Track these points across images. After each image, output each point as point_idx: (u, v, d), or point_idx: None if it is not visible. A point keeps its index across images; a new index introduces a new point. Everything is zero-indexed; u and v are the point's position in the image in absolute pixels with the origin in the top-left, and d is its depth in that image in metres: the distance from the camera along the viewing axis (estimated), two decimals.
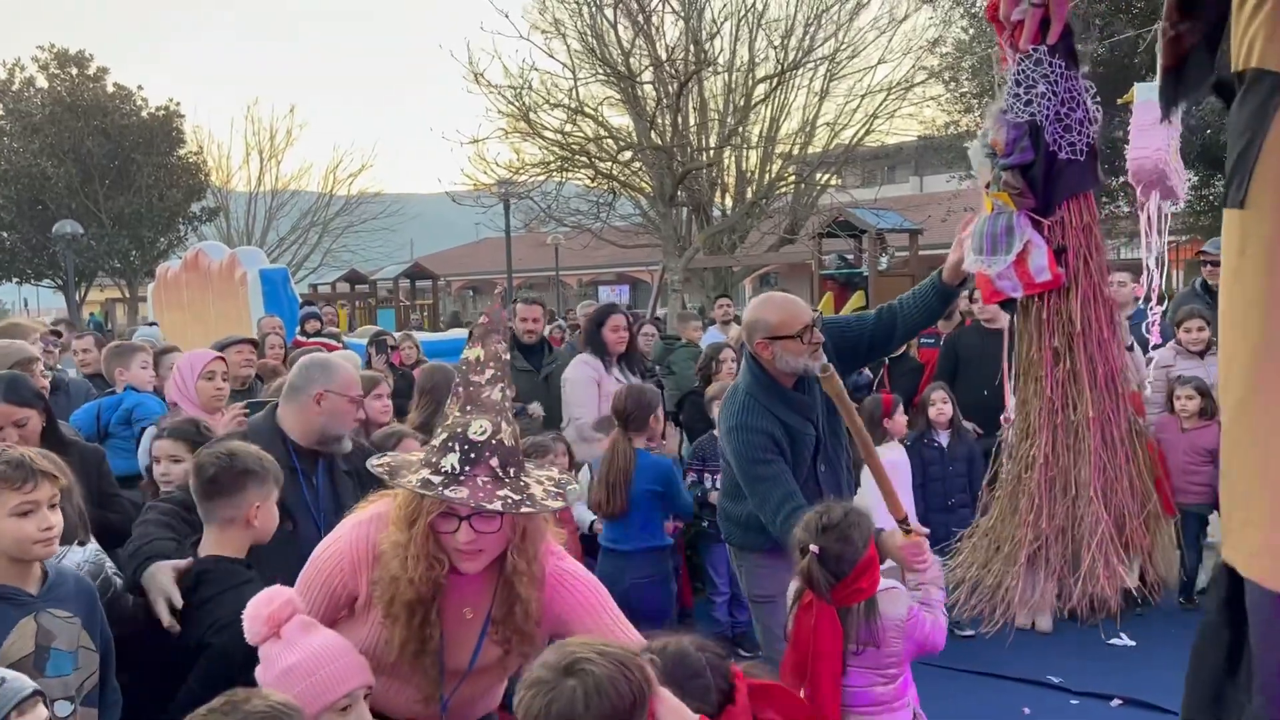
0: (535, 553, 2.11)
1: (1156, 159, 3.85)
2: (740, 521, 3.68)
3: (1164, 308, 4.36)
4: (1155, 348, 3.53)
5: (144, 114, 31.40)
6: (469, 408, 1.99)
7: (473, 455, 1.96)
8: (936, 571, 3.08)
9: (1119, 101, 3.71)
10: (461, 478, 1.95)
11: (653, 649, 1.92)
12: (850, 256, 14.37)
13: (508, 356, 2.13)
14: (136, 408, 4.36)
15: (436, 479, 1.96)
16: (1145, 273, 3.80)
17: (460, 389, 2.02)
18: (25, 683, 1.62)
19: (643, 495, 4.56)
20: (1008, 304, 2.75)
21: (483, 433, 1.97)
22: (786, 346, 3.37)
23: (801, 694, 2.72)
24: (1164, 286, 3.75)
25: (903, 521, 3.04)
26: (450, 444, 1.97)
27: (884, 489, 3.01)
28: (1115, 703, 4.54)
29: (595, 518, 4.89)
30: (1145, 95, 3.94)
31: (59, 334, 6.92)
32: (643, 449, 4.67)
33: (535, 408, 5.57)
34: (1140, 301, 3.50)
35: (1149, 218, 3.92)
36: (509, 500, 1.97)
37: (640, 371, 5.94)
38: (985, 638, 5.26)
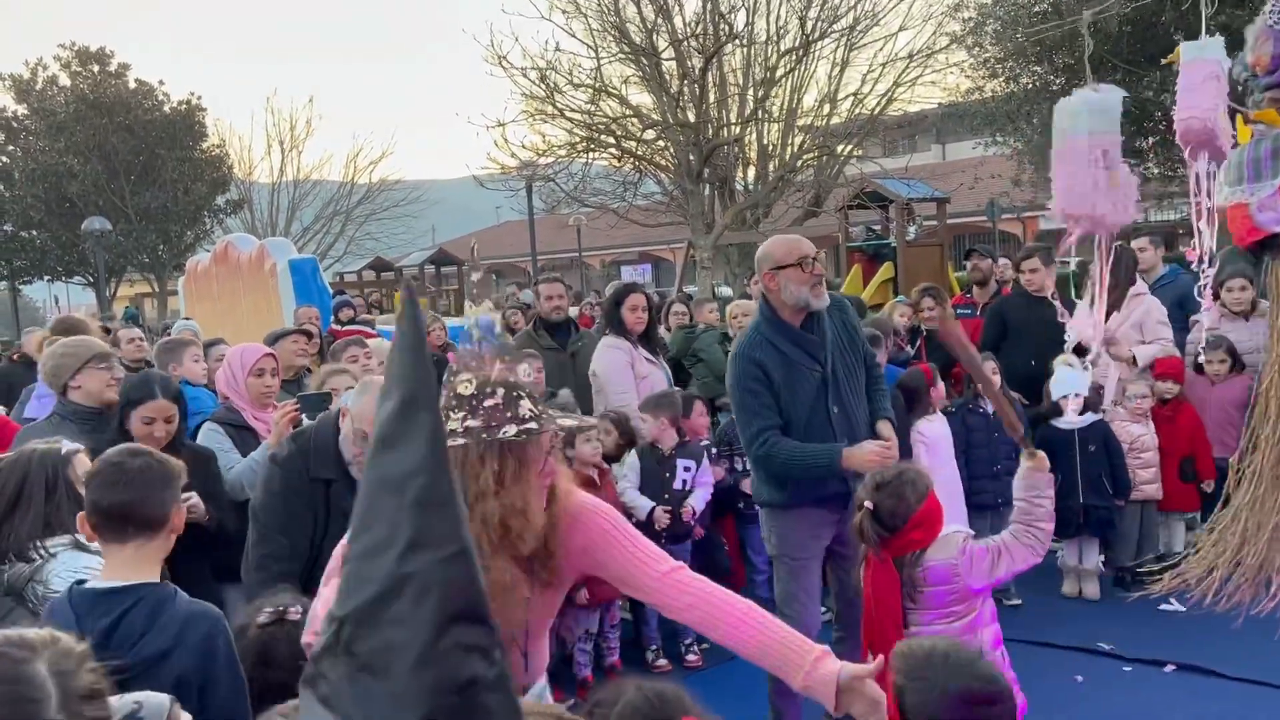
0: None
1: (1206, 119, 3.79)
2: (764, 478, 3.81)
3: (1214, 270, 4.32)
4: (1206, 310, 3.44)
5: (166, 109, 31.59)
6: (506, 358, 2.14)
7: (535, 396, 2.10)
8: (1044, 500, 3.08)
9: (1164, 62, 3.65)
10: (545, 416, 2.08)
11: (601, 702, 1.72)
12: (877, 227, 14.28)
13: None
14: (191, 402, 4.41)
15: (536, 424, 2.05)
16: (1196, 234, 3.75)
17: (483, 348, 2.15)
18: (160, 696, 1.60)
19: None
20: (1269, 242, 2.49)
21: (527, 374, 2.16)
22: (789, 275, 3.58)
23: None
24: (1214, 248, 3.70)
25: (1021, 439, 3.14)
26: (516, 394, 2.06)
27: (1000, 411, 3.20)
28: (1169, 669, 4.53)
29: (654, 505, 4.91)
30: (1192, 55, 3.89)
31: (107, 330, 7.01)
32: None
33: (565, 394, 5.58)
34: (1196, 264, 3.44)
35: (1197, 179, 3.88)
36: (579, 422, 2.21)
37: (660, 352, 5.92)
38: (1035, 606, 5.30)
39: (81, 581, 2.24)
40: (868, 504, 2.93)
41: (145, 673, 2.02)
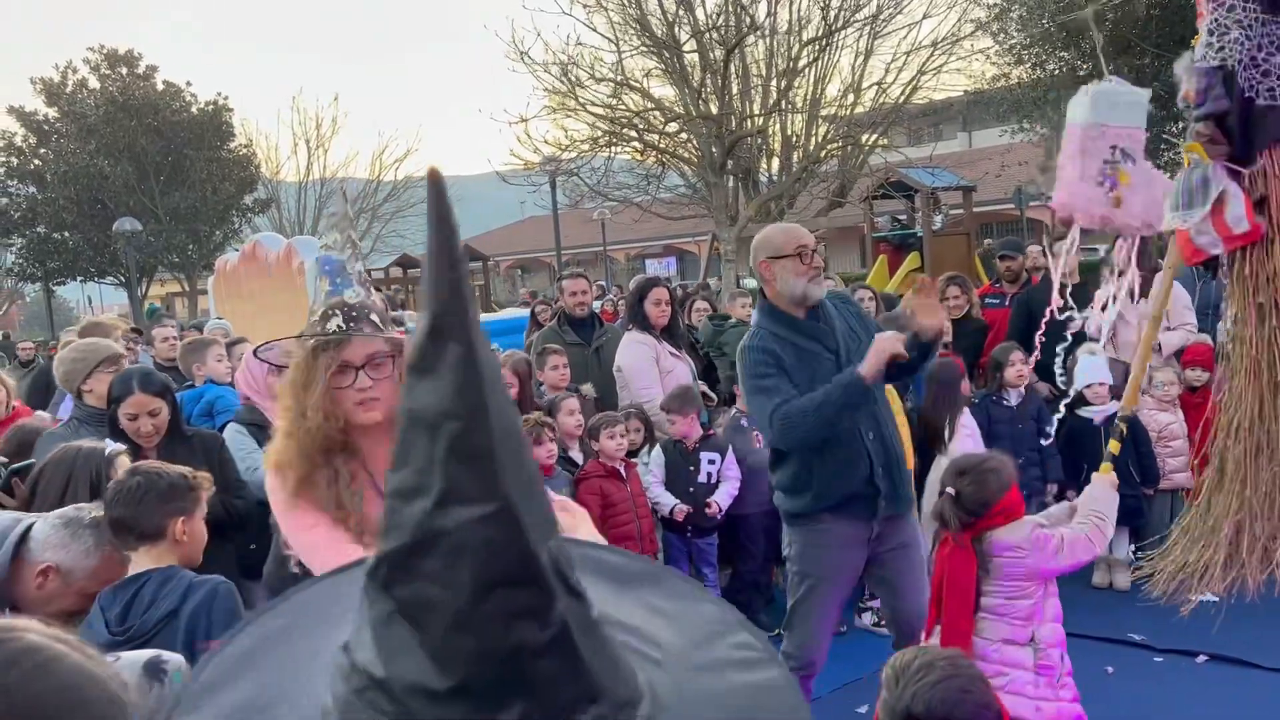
0: None
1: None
2: (780, 486, 3.66)
3: None
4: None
5: (193, 109, 31.92)
6: (339, 281, 2.26)
7: (354, 314, 2.19)
8: (1107, 498, 3.14)
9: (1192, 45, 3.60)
10: (350, 333, 2.17)
11: None
12: (903, 217, 14.20)
13: (357, 237, 2.35)
14: (217, 400, 4.47)
15: (321, 336, 2.18)
16: None
17: (326, 268, 2.27)
18: (178, 656, 1.70)
19: None
20: (1210, 264, 2.71)
21: (356, 297, 2.22)
22: (786, 266, 3.42)
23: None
24: None
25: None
26: (330, 312, 2.19)
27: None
28: (1201, 659, 4.47)
29: (677, 502, 4.91)
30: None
31: (139, 331, 7.10)
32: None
33: (587, 389, 5.59)
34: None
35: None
36: (397, 338, 2.26)
37: (685, 346, 5.90)
38: (1065, 596, 5.25)
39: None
40: (950, 490, 3.00)
41: (161, 630, 2.26)
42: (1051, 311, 3.10)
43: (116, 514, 2.41)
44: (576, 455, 4.94)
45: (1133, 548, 5.60)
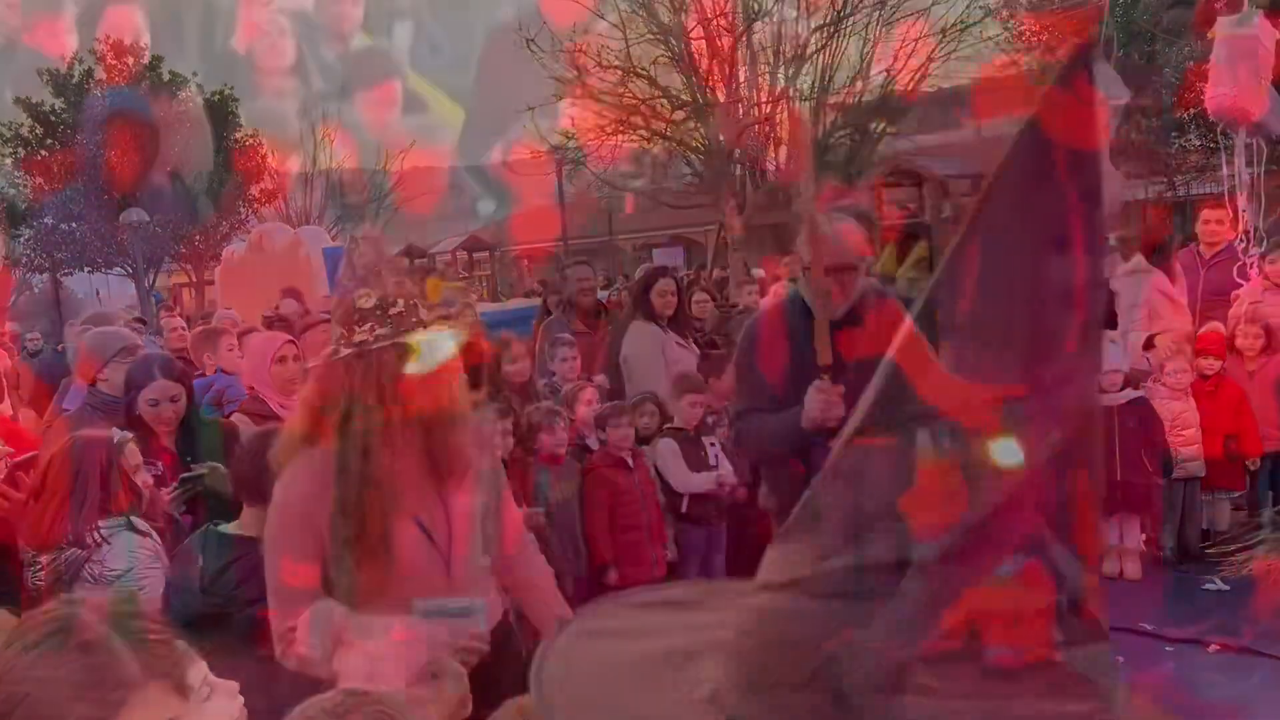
0: None
1: (1236, 94, 3.72)
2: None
3: (1261, 248, 4.22)
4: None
5: (200, 100, 31.89)
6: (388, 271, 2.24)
7: (429, 302, 2.29)
8: None
9: (1209, 35, 3.56)
10: (450, 319, 2.28)
11: None
12: (912, 205, 14.17)
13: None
14: (227, 389, 4.46)
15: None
16: (1234, 212, 3.68)
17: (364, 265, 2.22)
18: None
19: None
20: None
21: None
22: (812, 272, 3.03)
23: None
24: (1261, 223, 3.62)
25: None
26: (414, 302, 2.22)
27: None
28: (1212, 649, 4.46)
29: (724, 471, 4.91)
30: (1227, 29, 3.81)
31: (144, 321, 7.12)
32: None
33: (601, 380, 5.58)
34: (1237, 241, 3.36)
35: (1238, 154, 3.80)
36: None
37: (691, 337, 5.89)
38: None
39: (217, 524, 2.54)
40: None
41: (235, 616, 2.32)
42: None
43: (236, 469, 2.45)
44: (594, 444, 4.92)
45: (1143, 536, 5.58)
